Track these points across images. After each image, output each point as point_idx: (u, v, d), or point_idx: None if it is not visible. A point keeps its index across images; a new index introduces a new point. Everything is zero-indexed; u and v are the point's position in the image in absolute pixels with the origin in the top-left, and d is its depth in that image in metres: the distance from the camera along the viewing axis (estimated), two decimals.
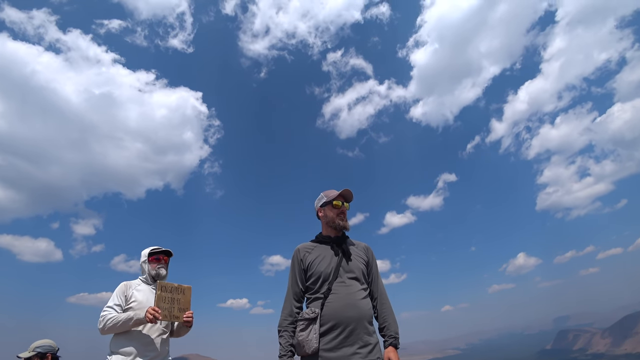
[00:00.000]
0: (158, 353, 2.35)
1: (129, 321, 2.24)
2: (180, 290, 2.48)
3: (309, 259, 2.09)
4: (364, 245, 2.23)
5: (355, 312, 1.91)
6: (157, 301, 2.31)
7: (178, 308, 2.43)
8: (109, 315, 2.28)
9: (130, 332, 2.31)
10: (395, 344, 1.99)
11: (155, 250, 2.64)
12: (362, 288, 2.02)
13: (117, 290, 2.46)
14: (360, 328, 1.89)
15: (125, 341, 2.28)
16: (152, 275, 2.57)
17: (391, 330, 2.02)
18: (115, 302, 2.38)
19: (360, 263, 2.09)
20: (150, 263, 2.59)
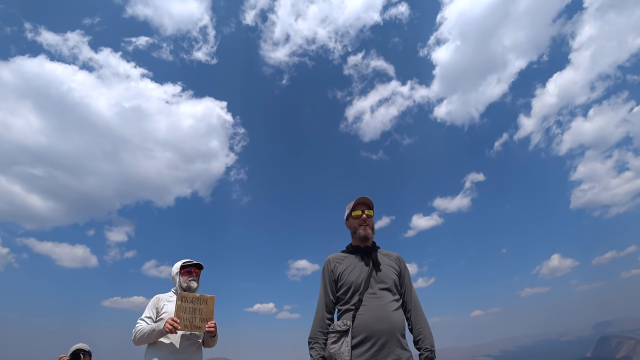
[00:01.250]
0: None
1: (152, 332, 2.38)
2: (202, 300, 2.53)
3: (340, 269, 2.10)
4: (396, 255, 2.21)
5: (387, 325, 1.88)
6: (176, 311, 2.40)
7: (200, 318, 2.47)
8: (138, 327, 2.46)
9: (161, 342, 2.44)
10: (431, 357, 1.94)
11: (187, 263, 2.73)
12: (394, 299, 1.99)
13: (150, 303, 2.63)
14: (393, 341, 1.87)
15: (156, 351, 2.42)
16: (184, 288, 2.63)
17: (426, 343, 1.97)
18: (147, 314, 2.55)
19: (392, 273, 2.07)
20: (181, 276, 2.67)
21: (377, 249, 2.21)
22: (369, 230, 2.16)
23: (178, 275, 2.68)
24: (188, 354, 2.47)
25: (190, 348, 2.50)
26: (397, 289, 2.07)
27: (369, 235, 2.16)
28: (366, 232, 2.15)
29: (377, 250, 2.19)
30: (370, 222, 2.19)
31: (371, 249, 2.16)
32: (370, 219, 2.19)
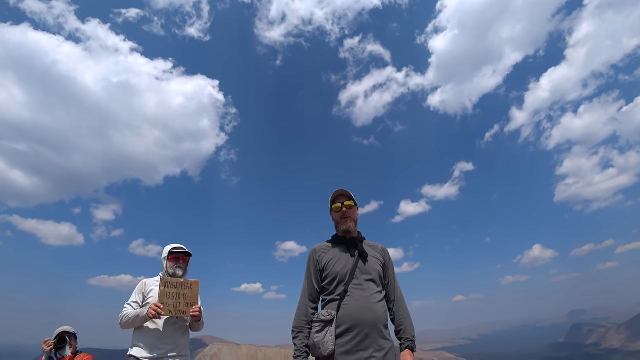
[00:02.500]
0: (175, 346, 2.53)
1: (137, 318, 2.43)
2: (187, 285, 2.55)
3: (325, 260, 2.12)
4: (381, 246, 2.25)
5: (371, 316, 1.93)
6: (160, 297, 2.43)
7: (185, 303, 2.50)
8: (124, 312, 2.52)
9: (146, 327, 2.50)
10: (411, 347, 2.01)
11: (176, 249, 2.74)
12: (378, 291, 2.04)
13: (137, 288, 2.66)
14: (376, 332, 1.91)
15: (142, 335, 2.50)
16: (169, 274, 2.66)
17: (408, 333, 2.03)
18: (133, 299, 2.60)
19: (377, 264, 2.11)
20: (169, 261, 2.69)
21: (363, 239, 2.24)
22: (350, 223, 2.19)
23: (166, 260, 2.71)
24: (173, 339, 2.54)
25: (176, 333, 2.57)
26: (381, 280, 2.12)
27: (350, 228, 2.19)
28: (347, 226, 2.18)
29: (363, 241, 2.22)
30: (351, 213, 2.22)
31: (356, 239, 2.19)
32: (351, 210, 2.22)
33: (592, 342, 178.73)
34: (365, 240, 2.25)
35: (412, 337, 2.05)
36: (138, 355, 2.44)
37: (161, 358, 2.47)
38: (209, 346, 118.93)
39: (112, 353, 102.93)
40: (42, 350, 3.24)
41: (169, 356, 2.50)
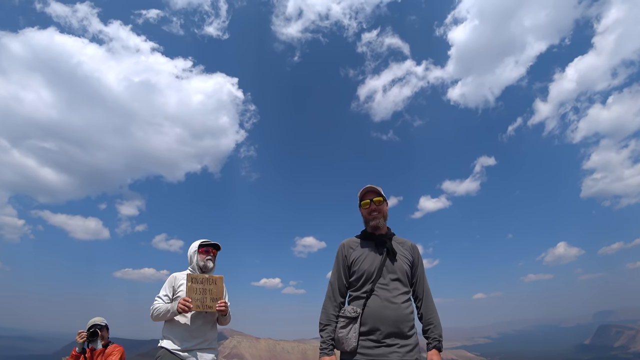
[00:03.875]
0: (204, 339, 2.60)
1: (167, 312, 2.51)
2: (211, 280, 2.61)
3: (354, 256, 2.13)
4: (411, 244, 2.21)
5: (395, 315, 1.94)
6: (188, 292, 2.49)
7: (211, 298, 2.56)
8: (155, 306, 2.60)
9: (176, 320, 2.57)
10: (438, 347, 2.00)
11: (205, 242, 2.81)
12: (404, 291, 2.03)
13: (167, 282, 2.73)
14: (399, 331, 1.93)
15: (172, 328, 2.57)
16: (200, 267, 2.73)
17: (435, 332, 2.02)
18: (163, 293, 2.67)
19: (405, 263, 2.09)
20: (199, 254, 2.76)
21: (392, 236, 2.22)
22: (379, 219, 2.17)
23: (196, 254, 2.77)
24: (202, 332, 2.61)
25: (204, 327, 2.64)
26: (408, 279, 2.11)
27: (379, 224, 2.17)
28: (376, 222, 2.17)
29: (392, 237, 2.20)
30: (381, 209, 2.20)
31: (386, 236, 2.17)
32: (381, 206, 2.20)
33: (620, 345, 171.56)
34: (395, 237, 2.22)
35: (439, 337, 2.05)
36: (169, 347, 2.50)
37: (191, 351, 2.52)
38: (229, 339, 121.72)
39: (136, 343, 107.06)
40: (75, 341, 3.35)
41: (198, 349, 2.56)
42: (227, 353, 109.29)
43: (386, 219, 2.23)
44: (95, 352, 3.35)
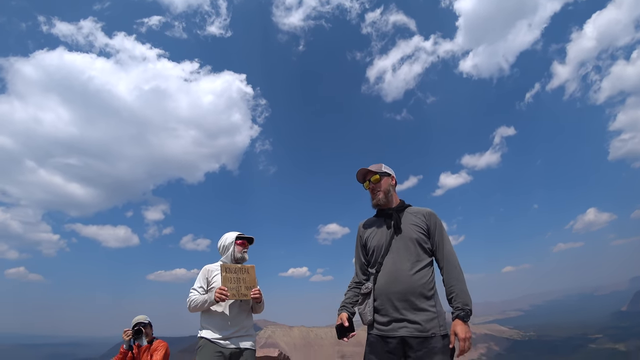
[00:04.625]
0: (241, 327, 2.70)
1: (205, 302, 2.62)
2: (244, 270, 2.70)
3: (367, 234, 2.22)
4: (425, 211, 2.16)
5: (401, 287, 1.94)
6: (223, 282, 2.58)
7: (245, 287, 2.65)
8: (192, 297, 2.70)
9: (214, 310, 2.67)
10: (461, 315, 1.88)
11: (242, 235, 2.92)
12: (416, 260, 2.01)
13: (200, 274, 2.83)
14: (409, 303, 1.92)
15: (210, 318, 2.68)
16: (237, 258, 2.82)
17: (458, 301, 1.91)
18: (198, 284, 2.77)
19: (416, 232, 2.06)
20: (237, 246, 2.85)
21: (405, 207, 2.21)
22: (378, 196, 2.22)
23: (233, 245, 2.86)
24: (239, 320, 2.72)
25: (240, 315, 2.75)
26: (423, 247, 2.06)
27: (379, 201, 2.22)
28: (376, 199, 2.23)
29: (405, 209, 2.20)
30: (379, 186, 2.23)
31: (393, 209, 2.19)
32: (378, 183, 2.23)
33: None
34: (410, 208, 2.21)
35: (463, 306, 1.91)
36: (208, 336, 2.63)
37: (230, 338, 2.64)
38: (263, 329, 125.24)
39: (175, 340, 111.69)
40: (122, 339, 3.57)
41: (236, 336, 2.68)
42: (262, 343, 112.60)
43: (388, 192, 2.23)
44: (141, 348, 3.57)
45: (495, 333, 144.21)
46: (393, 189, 2.27)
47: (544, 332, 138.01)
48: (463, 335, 1.86)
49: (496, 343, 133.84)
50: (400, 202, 2.26)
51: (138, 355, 3.55)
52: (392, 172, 2.32)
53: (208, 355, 2.56)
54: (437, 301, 2.00)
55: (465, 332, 1.87)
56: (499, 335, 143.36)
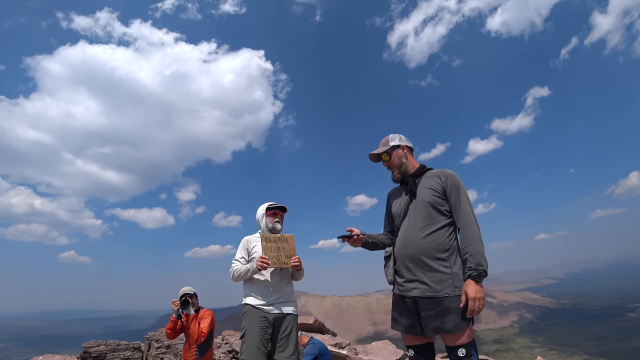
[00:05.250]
0: (283, 293, 2.82)
1: (247, 272, 2.75)
2: (283, 239, 2.80)
3: (391, 203, 2.34)
4: (442, 173, 2.14)
5: (411, 250, 2.02)
6: (264, 251, 2.68)
7: (285, 255, 2.74)
8: (234, 267, 2.83)
9: (256, 278, 2.80)
10: (473, 275, 1.87)
11: (272, 205, 2.98)
12: (429, 223, 2.03)
13: (240, 245, 2.96)
14: (422, 265, 1.98)
15: (253, 286, 2.82)
16: (270, 229, 2.90)
17: (470, 261, 1.89)
18: (240, 255, 2.90)
19: (430, 195, 2.07)
20: (267, 217, 2.93)
21: (424, 172, 2.22)
22: (393, 174, 2.29)
23: (264, 217, 2.96)
24: (280, 287, 2.85)
25: (281, 282, 2.87)
26: (438, 210, 2.07)
27: (395, 177, 2.29)
28: (392, 178, 2.30)
29: (424, 173, 2.22)
30: (391, 163, 2.28)
31: (409, 176, 2.21)
32: (390, 160, 2.28)
33: None
34: (429, 172, 2.22)
35: (477, 266, 1.89)
36: (253, 303, 2.80)
37: (273, 304, 2.80)
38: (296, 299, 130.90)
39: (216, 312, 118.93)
40: (169, 310, 3.85)
41: (279, 302, 2.83)
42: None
43: (401, 165, 2.25)
44: (189, 317, 3.84)
45: (527, 301, 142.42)
46: (406, 157, 2.27)
47: (579, 301, 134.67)
48: (473, 294, 1.87)
49: (528, 311, 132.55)
50: (419, 167, 2.27)
51: (187, 323, 3.82)
52: (402, 140, 2.30)
53: (253, 320, 2.73)
54: (455, 262, 1.99)
55: (476, 292, 1.87)
56: (531, 303, 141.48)
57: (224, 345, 6.62)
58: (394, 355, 6.09)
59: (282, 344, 2.76)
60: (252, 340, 2.67)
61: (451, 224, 2.07)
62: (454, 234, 2.07)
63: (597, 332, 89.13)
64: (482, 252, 1.90)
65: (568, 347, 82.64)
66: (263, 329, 2.71)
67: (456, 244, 2.05)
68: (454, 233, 2.07)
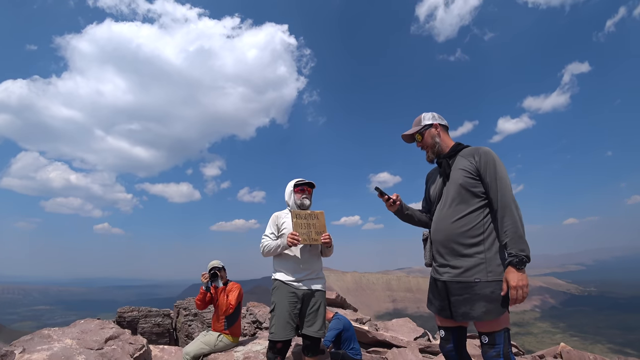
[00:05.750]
0: (312, 270, 2.84)
1: (277, 247, 2.77)
2: (314, 215, 2.80)
3: (429, 184, 2.30)
4: (477, 151, 1.99)
5: (442, 235, 1.98)
6: (294, 227, 2.69)
7: (315, 232, 2.75)
8: (265, 243, 2.86)
9: (286, 254, 2.82)
10: (513, 262, 1.71)
11: (300, 182, 2.98)
12: (460, 206, 1.95)
13: (270, 221, 2.98)
14: (450, 249, 1.94)
15: (283, 262, 2.85)
16: (298, 205, 2.91)
17: (510, 246, 1.74)
18: (269, 231, 2.93)
19: (463, 177, 1.96)
20: (295, 194, 2.94)
21: (459, 151, 2.11)
22: (427, 156, 2.21)
23: (292, 194, 2.95)
24: (310, 263, 2.86)
25: (311, 258, 2.88)
26: (471, 191, 1.95)
27: (428, 158, 2.21)
28: (428, 158, 2.22)
29: (459, 153, 2.10)
30: (424, 144, 2.20)
31: (443, 157, 2.13)
32: (422, 141, 2.20)
33: None
34: (464, 150, 2.09)
35: (517, 251, 1.72)
36: (282, 278, 2.82)
37: (302, 280, 2.81)
38: None
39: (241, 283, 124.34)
40: (196, 281, 3.98)
41: (308, 279, 2.84)
42: None
43: (434, 145, 2.16)
44: (218, 289, 3.96)
45: (551, 286, 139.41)
46: (439, 136, 2.16)
47: (607, 289, 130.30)
48: (514, 283, 1.70)
49: (552, 296, 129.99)
50: (454, 145, 2.14)
51: (215, 295, 3.95)
52: (435, 119, 2.19)
53: (283, 295, 2.76)
54: (491, 247, 1.87)
55: (518, 280, 1.70)
56: (556, 288, 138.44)
57: (249, 315, 6.87)
58: (414, 333, 6.10)
59: (310, 319, 2.79)
60: (282, 315, 2.71)
61: (486, 205, 1.93)
62: (489, 217, 1.92)
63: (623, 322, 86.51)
64: (522, 236, 1.75)
65: (591, 335, 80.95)
66: (292, 304, 2.74)
67: (492, 227, 1.90)
68: (489, 215, 1.93)
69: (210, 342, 3.73)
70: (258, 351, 3.65)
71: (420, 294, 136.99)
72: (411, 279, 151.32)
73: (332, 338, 4.18)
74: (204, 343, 3.72)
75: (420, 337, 6.04)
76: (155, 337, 7.43)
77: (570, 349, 5.28)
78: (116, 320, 7.57)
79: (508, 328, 1.85)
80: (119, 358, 3.72)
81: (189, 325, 7.28)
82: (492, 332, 1.82)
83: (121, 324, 7.28)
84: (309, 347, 2.85)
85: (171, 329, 7.80)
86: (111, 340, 4.08)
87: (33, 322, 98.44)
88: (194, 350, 3.64)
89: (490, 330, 1.82)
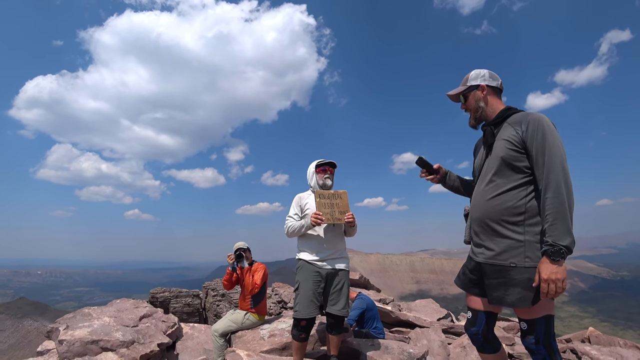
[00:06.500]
0: (336, 249, 2.86)
1: (302, 228, 2.80)
2: (337, 195, 2.80)
3: (475, 155, 2.06)
4: (525, 118, 1.71)
5: (478, 213, 1.82)
6: (317, 207, 2.70)
7: (339, 211, 2.75)
8: (289, 224, 2.89)
9: (309, 234, 2.85)
10: (549, 252, 1.51)
11: (321, 162, 3.00)
12: (500, 182, 1.74)
13: (293, 202, 3.01)
14: (485, 229, 1.78)
15: (307, 242, 2.88)
16: (320, 185, 2.93)
17: (549, 233, 1.53)
18: (293, 212, 2.96)
19: (505, 148, 1.73)
20: (317, 174, 2.95)
21: (507, 118, 1.82)
22: (470, 118, 1.98)
23: (314, 175, 2.97)
24: (333, 243, 2.88)
25: (334, 238, 2.90)
26: (513, 165, 1.72)
27: (471, 123, 1.99)
28: (470, 122, 2.00)
29: (505, 120, 1.82)
30: (467, 106, 1.97)
31: (488, 124, 1.88)
32: (467, 103, 1.97)
33: None
34: (512, 117, 1.80)
35: (554, 240, 1.51)
36: (306, 258, 2.86)
37: (325, 260, 2.84)
38: None
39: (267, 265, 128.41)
40: (224, 263, 4.09)
41: (331, 258, 2.86)
42: None
43: (478, 110, 1.92)
44: (243, 270, 4.07)
45: (581, 269, 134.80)
46: (484, 100, 1.90)
47: None
48: (546, 275, 1.52)
49: (581, 279, 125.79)
50: (502, 110, 1.86)
51: (241, 275, 4.07)
52: (484, 79, 1.91)
53: (307, 275, 2.80)
54: (531, 229, 1.66)
55: (550, 273, 1.51)
56: (586, 272, 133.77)
57: (274, 295, 7.07)
58: (437, 314, 6.09)
59: (334, 298, 2.83)
60: (306, 294, 2.76)
61: (531, 182, 1.70)
62: (533, 195, 1.69)
63: None
64: (566, 221, 1.52)
65: (622, 321, 78.10)
66: (316, 283, 2.78)
67: (537, 207, 1.67)
68: (534, 193, 1.69)
69: (238, 320, 3.87)
70: (283, 329, 3.76)
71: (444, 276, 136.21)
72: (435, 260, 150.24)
73: (356, 317, 4.24)
74: (232, 321, 3.87)
75: (443, 318, 6.02)
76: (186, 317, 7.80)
77: (599, 334, 5.11)
78: (149, 300, 7.98)
79: (551, 315, 1.68)
80: (152, 334, 3.95)
81: (217, 305, 7.59)
82: (532, 319, 1.68)
83: (154, 304, 7.68)
84: (332, 325, 2.90)
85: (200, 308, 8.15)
86: (145, 318, 4.33)
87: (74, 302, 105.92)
88: (222, 328, 3.79)
89: (529, 316, 1.68)
